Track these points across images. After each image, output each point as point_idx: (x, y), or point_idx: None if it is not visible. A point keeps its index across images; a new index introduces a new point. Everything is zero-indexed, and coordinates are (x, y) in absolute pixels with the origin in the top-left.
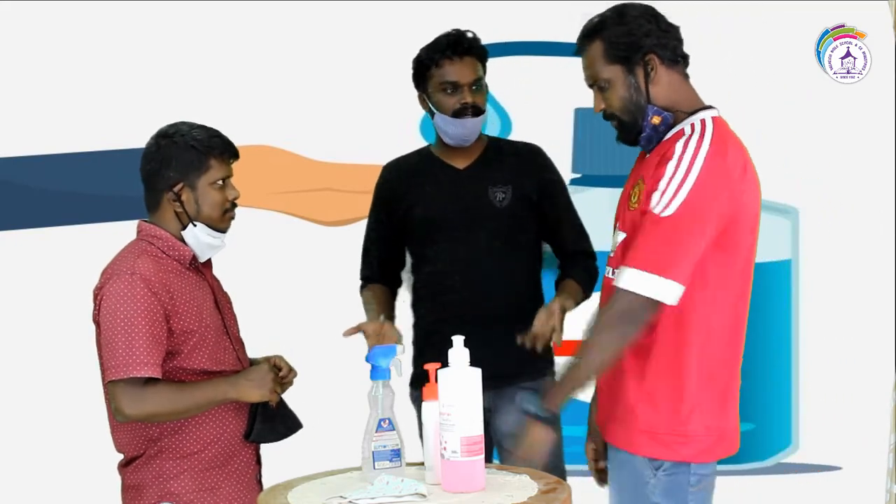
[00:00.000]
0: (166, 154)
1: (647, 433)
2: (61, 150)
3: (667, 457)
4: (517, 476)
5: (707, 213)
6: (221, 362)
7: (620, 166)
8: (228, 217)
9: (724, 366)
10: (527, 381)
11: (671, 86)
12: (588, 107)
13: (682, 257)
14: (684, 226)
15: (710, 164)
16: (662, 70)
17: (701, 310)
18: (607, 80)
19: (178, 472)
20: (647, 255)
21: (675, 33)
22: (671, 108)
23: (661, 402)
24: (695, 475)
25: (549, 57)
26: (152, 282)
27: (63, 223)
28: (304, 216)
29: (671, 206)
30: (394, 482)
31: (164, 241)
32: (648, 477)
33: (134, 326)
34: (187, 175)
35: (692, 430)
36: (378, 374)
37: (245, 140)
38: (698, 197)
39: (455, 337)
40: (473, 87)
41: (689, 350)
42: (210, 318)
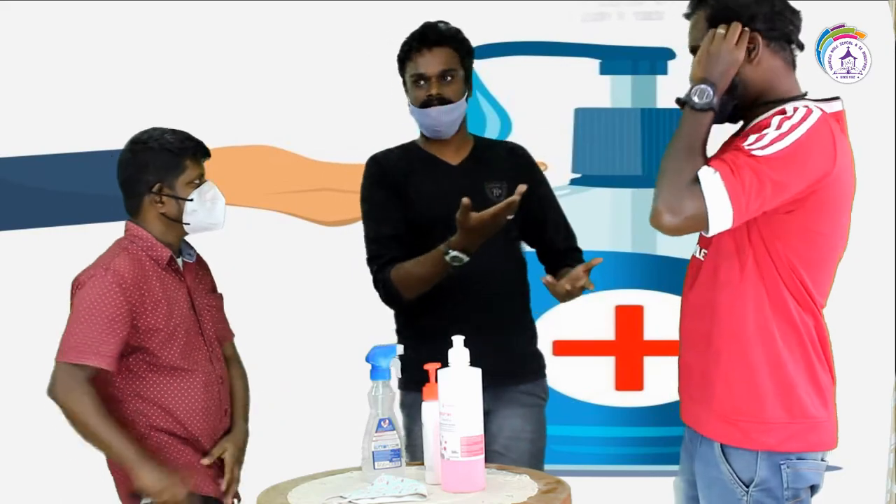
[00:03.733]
0: (142, 159)
1: (722, 417)
2: (61, 150)
3: (744, 444)
4: (517, 476)
5: (796, 172)
6: (193, 361)
7: (620, 166)
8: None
9: (813, 350)
10: (526, 383)
11: (771, 71)
12: (588, 107)
13: (750, 195)
14: (770, 171)
15: (816, 132)
16: (766, 53)
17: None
18: None
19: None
20: (728, 173)
21: (791, 17)
22: (764, 92)
23: (735, 386)
24: (789, 489)
25: (549, 57)
26: (125, 278)
27: (62, 223)
28: (304, 216)
29: (766, 150)
30: (394, 482)
31: (144, 241)
32: (741, 494)
33: (95, 317)
34: (165, 177)
35: (771, 416)
36: (378, 374)
37: (245, 140)
38: (794, 154)
39: (455, 337)
40: (445, 77)
41: (767, 331)
42: (182, 317)
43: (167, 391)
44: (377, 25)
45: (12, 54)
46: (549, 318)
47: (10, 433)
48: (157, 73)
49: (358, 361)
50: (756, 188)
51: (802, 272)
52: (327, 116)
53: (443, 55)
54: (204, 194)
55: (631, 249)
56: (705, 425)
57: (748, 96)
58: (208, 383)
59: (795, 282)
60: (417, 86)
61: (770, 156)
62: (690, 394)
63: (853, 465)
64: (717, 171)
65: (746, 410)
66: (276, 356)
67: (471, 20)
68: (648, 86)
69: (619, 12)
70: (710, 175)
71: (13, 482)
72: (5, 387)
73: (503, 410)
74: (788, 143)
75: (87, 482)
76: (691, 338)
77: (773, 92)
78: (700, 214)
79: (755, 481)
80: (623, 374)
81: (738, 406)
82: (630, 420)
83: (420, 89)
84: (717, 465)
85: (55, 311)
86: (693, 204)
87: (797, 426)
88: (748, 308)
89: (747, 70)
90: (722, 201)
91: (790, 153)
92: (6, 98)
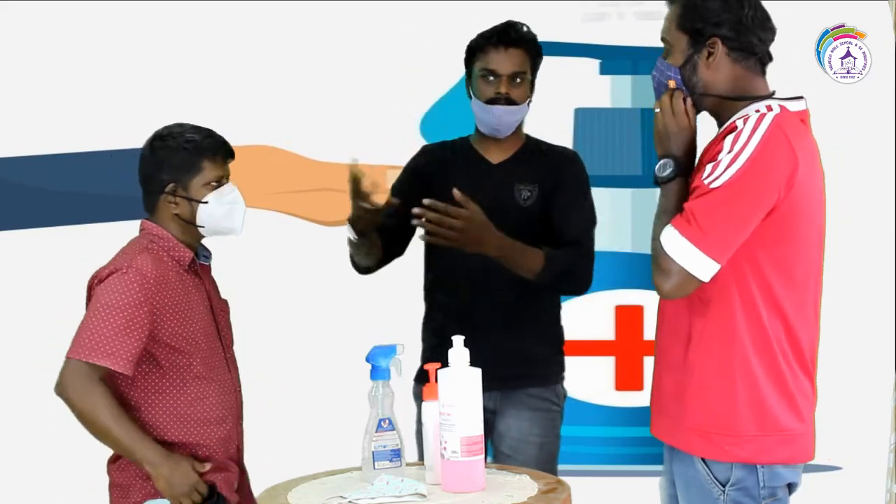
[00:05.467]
0: (159, 157)
1: (696, 431)
2: (61, 150)
3: (718, 457)
4: (517, 476)
5: (759, 189)
6: (211, 367)
7: (620, 166)
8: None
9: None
10: (534, 387)
11: (729, 76)
12: (588, 107)
13: (723, 234)
14: (733, 201)
15: (769, 140)
16: (725, 60)
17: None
18: (671, 44)
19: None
20: (684, 225)
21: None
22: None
23: (711, 399)
24: (765, 488)
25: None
26: (147, 278)
27: (63, 223)
28: (304, 216)
29: (722, 178)
30: (394, 482)
31: (165, 241)
32: (717, 493)
33: (113, 316)
34: (180, 177)
35: (744, 429)
36: (378, 374)
37: (245, 140)
38: (751, 171)
39: (455, 337)
40: (515, 79)
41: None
42: (203, 322)
43: (185, 399)
44: (377, 25)
45: (12, 54)
46: None
47: (10, 432)
48: (158, 73)
49: (358, 361)
50: (722, 220)
51: (774, 280)
52: (327, 116)
53: (517, 56)
54: (222, 197)
55: (631, 249)
56: (679, 438)
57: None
58: (225, 391)
59: (768, 290)
60: (486, 81)
61: (727, 182)
62: (661, 407)
63: (853, 465)
64: (674, 227)
65: (718, 423)
66: (276, 356)
67: (471, 20)
68: (648, 86)
69: (619, 12)
70: (669, 235)
71: (13, 482)
72: (5, 386)
73: (511, 411)
74: (742, 163)
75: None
76: (665, 352)
77: (736, 91)
78: (682, 272)
79: (731, 481)
80: (623, 374)
81: (710, 419)
82: (630, 420)
83: (489, 85)
84: (694, 464)
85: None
86: (672, 266)
87: (770, 439)
88: (721, 320)
89: (704, 72)
90: (691, 253)
91: (746, 172)
92: (6, 98)
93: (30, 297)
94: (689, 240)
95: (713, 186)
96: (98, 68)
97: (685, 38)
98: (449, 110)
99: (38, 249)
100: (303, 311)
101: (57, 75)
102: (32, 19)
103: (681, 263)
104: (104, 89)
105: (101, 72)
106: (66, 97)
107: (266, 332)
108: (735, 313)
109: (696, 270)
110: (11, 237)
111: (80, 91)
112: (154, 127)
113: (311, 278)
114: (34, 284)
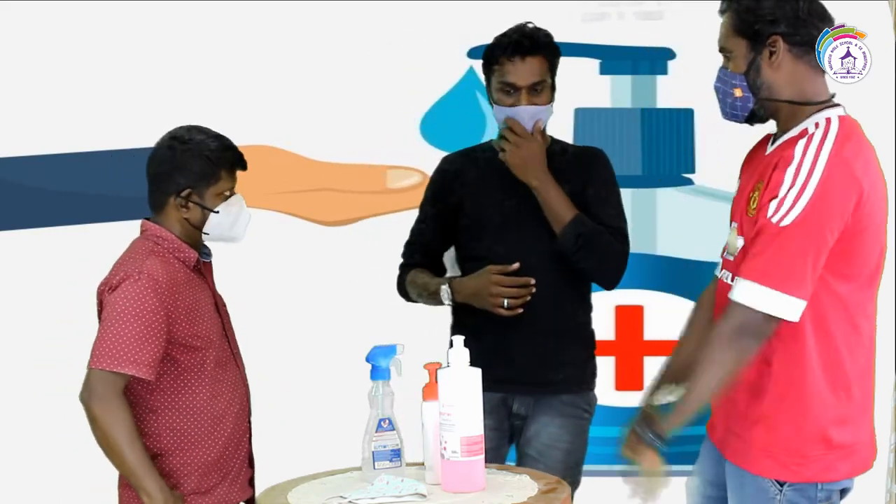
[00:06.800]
0: (180, 159)
1: (765, 452)
2: (61, 150)
3: (787, 478)
4: (517, 476)
5: (828, 222)
6: (222, 366)
7: (620, 166)
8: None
9: (854, 378)
10: (568, 394)
11: (793, 74)
12: (588, 107)
13: (802, 271)
14: (805, 237)
15: (832, 171)
16: (787, 57)
17: (823, 319)
18: (730, 51)
19: (177, 477)
20: (765, 268)
21: (818, 23)
22: (790, 95)
23: (780, 421)
24: (822, 491)
25: None
26: (159, 282)
27: (63, 223)
28: (304, 216)
29: (790, 216)
30: (394, 482)
31: (170, 243)
32: (774, 493)
33: (132, 323)
34: (196, 184)
35: (811, 450)
36: (378, 374)
37: (245, 140)
38: (819, 206)
39: (455, 337)
40: (534, 88)
41: (809, 364)
42: (211, 321)
43: (201, 396)
44: (377, 25)
45: (12, 54)
46: None
47: (10, 432)
48: (158, 73)
49: (358, 361)
50: (801, 257)
51: (842, 289)
52: (327, 116)
53: (535, 65)
54: (230, 207)
55: (631, 249)
56: (745, 459)
57: (772, 98)
58: (235, 386)
59: (838, 302)
60: (505, 93)
61: (797, 220)
62: (727, 418)
63: None
64: (750, 280)
65: (786, 445)
66: (277, 356)
67: (471, 20)
68: (648, 86)
69: (619, 12)
70: (747, 290)
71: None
72: (4, 386)
73: (541, 417)
74: (808, 199)
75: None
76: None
77: (800, 95)
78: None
79: (791, 482)
80: (623, 374)
81: (777, 439)
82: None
83: (508, 97)
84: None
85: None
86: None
87: (833, 455)
88: (793, 340)
89: (768, 73)
90: (777, 300)
91: (814, 207)
92: (6, 98)
93: (30, 297)
94: (773, 287)
95: (783, 225)
96: (98, 68)
97: (744, 43)
98: (449, 110)
99: (38, 249)
100: (303, 311)
101: (57, 75)
102: (32, 19)
103: (769, 311)
104: (104, 89)
105: (101, 72)
106: (67, 97)
107: (266, 332)
108: (806, 334)
109: (786, 314)
110: (11, 237)
111: (80, 91)
112: (154, 127)
113: (311, 278)
114: (34, 284)
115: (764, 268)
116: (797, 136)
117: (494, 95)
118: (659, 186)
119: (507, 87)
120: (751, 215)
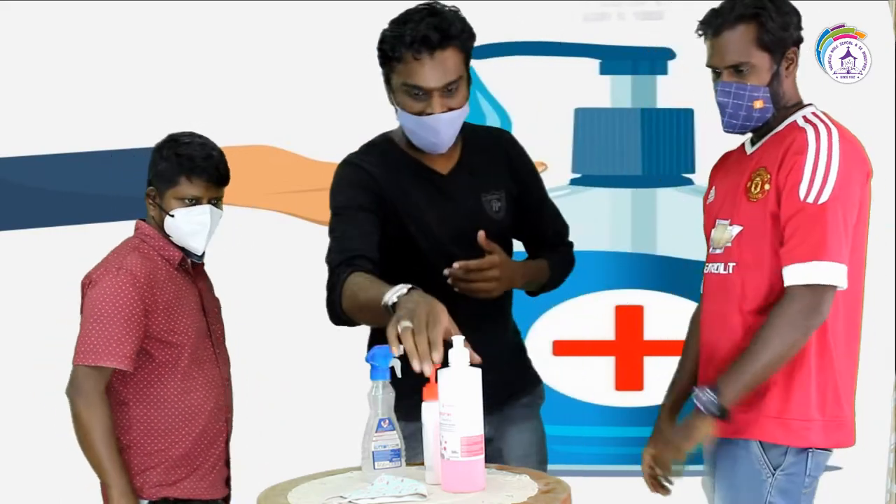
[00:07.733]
0: (153, 158)
1: (777, 419)
2: (61, 150)
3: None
4: (517, 476)
5: (854, 195)
6: (199, 365)
7: (620, 166)
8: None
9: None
10: (524, 397)
11: (792, 78)
12: (588, 107)
13: (843, 239)
14: (842, 208)
15: (846, 149)
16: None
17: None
18: (750, 65)
19: (143, 468)
20: (818, 245)
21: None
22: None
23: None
24: (809, 476)
25: (549, 57)
26: (138, 277)
27: (63, 223)
28: (304, 216)
29: (825, 192)
30: (394, 482)
31: (155, 241)
32: (766, 475)
33: (110, 318)
34: (159, 184)
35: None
36: (378, 374)
37: (245, 140)
38: (846, 179)
39: (455, 337)
40: (448, 89)
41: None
42: (193, 319)
43: (171, 390)
44: (377, 25)
45: (12, 54)
46: (548, 318)
47: (10, 432)
48: (158, 73)
49: (358, 361)
50: (844, 226)
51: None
52: (327, 116)
53: (449, 61)
54: (191, 216)
55: (631, 249)
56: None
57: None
58: (211, 385)
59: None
60: (412, 97)
61: (833, 195)
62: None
63: (853, 465)
64: (808, 260)
65: (797, 410)
66: (276, 356)
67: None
68: (648, 86)
69: (619, 12)
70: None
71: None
72: (5, 386)
73: (510, 429)
74: (836, 175)
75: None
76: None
77: (797, 97)
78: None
79: (782, 465)
80: (623, 374)
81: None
82: (630, 420)
83: (416, 101)
84: (748, 445)
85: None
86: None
87: (830, 423)
88: None
89: (786, 82)
90: (835, 270)
91: (843, 182)
92: (6, 98)
93: (30, 297)
94: (830, 259)
95: (822, 202)
96: (98, 68)
97: (768, 56)
98: None
99: (38, 249)
100: (303, 311)
101: (57, 75)
102: (32, 19)
103: (831, 283)
104: (104, 89)
105: (100, 72)
106: (67, 97)
107: (266, 332)
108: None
109: (841, 282)
110: (11, 237)
111: (80, 91)
112: (154, 127)
113: (310, 278)
114: (34, 284)
115: (818, 245)
116: (789, 128)
117: (397, 97)
118: (659, 186)
119: (415, 91)
120: (753, 200)
